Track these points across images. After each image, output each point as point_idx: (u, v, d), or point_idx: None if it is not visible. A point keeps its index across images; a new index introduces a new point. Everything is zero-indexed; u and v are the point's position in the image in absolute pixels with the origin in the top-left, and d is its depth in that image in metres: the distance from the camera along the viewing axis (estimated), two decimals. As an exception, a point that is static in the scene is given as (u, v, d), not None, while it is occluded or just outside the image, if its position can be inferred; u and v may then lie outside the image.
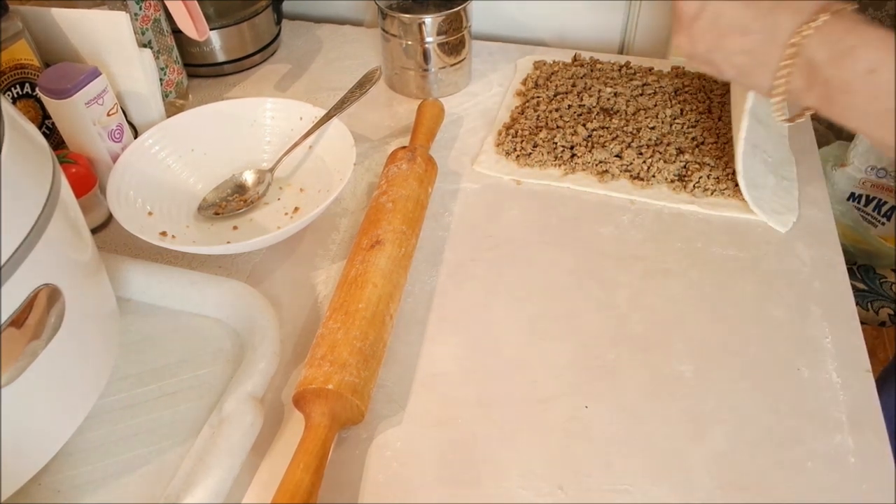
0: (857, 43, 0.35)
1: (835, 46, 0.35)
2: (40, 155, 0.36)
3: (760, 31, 0.37)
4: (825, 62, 0.35)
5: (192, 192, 0.61)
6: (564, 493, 0.41)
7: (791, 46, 0.36)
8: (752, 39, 0.38)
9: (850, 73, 0.35)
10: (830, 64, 0.35)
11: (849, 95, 0.35)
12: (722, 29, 0.39)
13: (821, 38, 0.35)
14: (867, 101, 0.35)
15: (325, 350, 0.44)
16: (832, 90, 0.35)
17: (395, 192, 0.55)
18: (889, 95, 0.34)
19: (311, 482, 0.38)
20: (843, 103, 0.36)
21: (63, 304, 0.36)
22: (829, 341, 0.48)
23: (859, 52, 0.34)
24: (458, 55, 0.72)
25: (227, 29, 0.76)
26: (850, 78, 0.35)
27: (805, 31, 0.35)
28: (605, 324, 0.50)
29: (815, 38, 0.35)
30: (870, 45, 0.35)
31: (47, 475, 0.43)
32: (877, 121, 0.35)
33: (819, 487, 0.41)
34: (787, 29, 0.36)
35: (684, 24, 0.41)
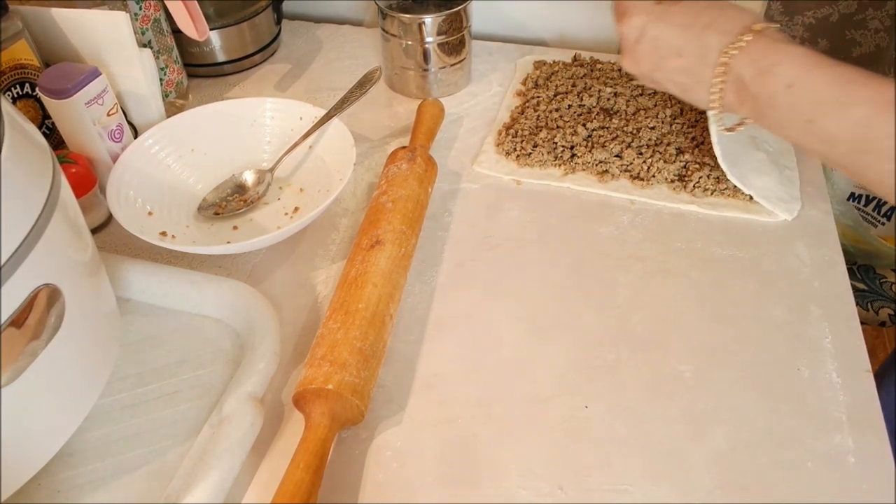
0: (777, 60, 0.38)
1: (758, 64, 0.38)
2: (40, 155, 0.36)
3: (694, 52, 0.40)
4: (751, 79, 0.38)
5: (192, 192, 0.61)
6: (564, 493, 0.41)
7: (721, 66, 0.39)
8: (687, 60, 0.41)
9: (772, 88, 0.37)
10: (755, 80, 0.38)
11: (773, 109, 0.38)
12: (660, 51, 0.42)
13: (745, 57, 0.38)
14: (789, 113, 0.38)
15: (325, 350, 0.44)
16: (759, 104, 0.38)
17: (395, 192, 0.55)
18: (807, 108, 0.37)
19: (311, 482, 0.39)
20: (770, 116, 0.39)
21: (63, 304, 0.36)
22: (829, 341, 0.48)
23: (779, 68, 0.37)
24: (458, 55, 0.72)
25: (227, 29, 0.76)
26: (772, 92, 0.38)
27: (731, 51, 0.38)
28: (605, 324, 0.50)
29: (741, 58, 0.38)
30: (788, 61, 0.37)
31: (47, 475, 0.43)
32: (799, 131, 0.38)
33: (819, 487, 0.41)
34: (716, 49, 0.39)
35: (628, 47, 0.45)
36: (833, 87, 0.36)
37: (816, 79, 0.37)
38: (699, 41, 0.40)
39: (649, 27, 0.43)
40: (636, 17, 0.44)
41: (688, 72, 0.41)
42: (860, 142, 0.36)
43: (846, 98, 0.36)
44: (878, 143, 0.35)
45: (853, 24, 1.45)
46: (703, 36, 0.40)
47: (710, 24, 0.40)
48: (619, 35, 0.46)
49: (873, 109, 0.35)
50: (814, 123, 0.37)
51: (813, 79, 0.37)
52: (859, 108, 0.35)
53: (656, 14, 0.43)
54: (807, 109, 0.37)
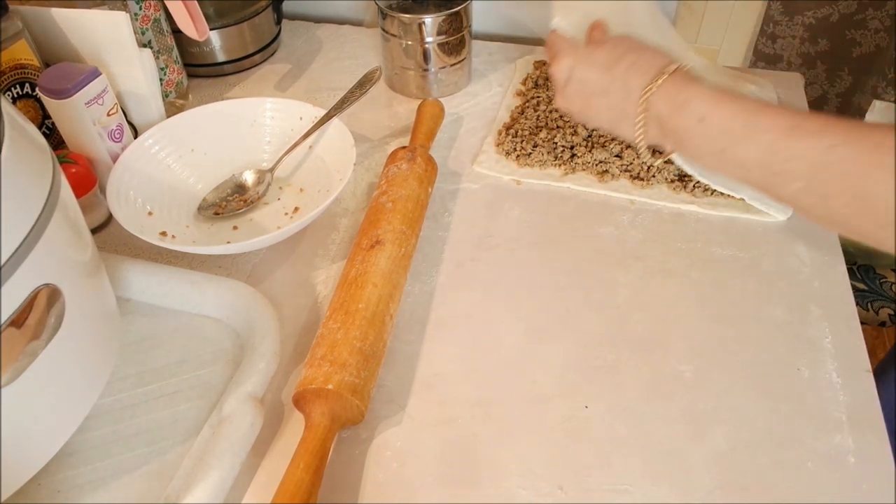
0: (688, 97, 0.41)
1: (673, 101, 0.42)
2: (40, 155, 0.36)
3: (618, 91, 0.44)
4: (668, 115, 0.42)
5: (192, 192, 0.61)
6: (564, 493, 0.41)
7: (642, 104, 0.43)
8: (613, 99, 0.45)
9: (686, 122, 0.41)
10: (671, 116, 0.42)
11: (690, 141, 0.42)
12: (588, 91, 0.46)
13: (662, 96, 0.42)
14: (703, 144, 0.41)
15: (325, 350, 0.44)
16: (678, 137, 0.42)
17: (395, 193, 0.55)
18: (718, 138, 0.41)
19: (311, 482, 0.39)
20: (689, 147, 0.42)
21: (63, 304, 0.36)
22: (829, 341, 0.48)
23: (691, 104, 0.41)
24: (458, 55, 0.72)
25: (227, 29, 0.76)
26: (687, 126, 0.41)
27: (649, 91, 0.42)
28: (605, 324, 0.50)
29: (658, 96, 0.42)
30: (699, 98, 0.41)
31: (47, 475, 0.43)
32: (715, 160, 0.42)
33: (819, 487, 0.41)
34: (637, 89, 0.43)
35: (559, 87, 0.49)
36: (738, 117, 0.40)
37: (724, 112, 0.40)
38: (622, 81, 0.44)
39: (577, 69, 0.47)
40: (565, 59, 0.48)
41: (614, 109, 0.45)
42: (768, 165, 0.39)
43: (751, 127, 0.39)
44: (784, 164, 0.38)
45: (853, 23, 1.45)
46: (625, 77, 0.44)
47: (631, 66, 0.44)
48: (551, 76, 0.50)
49: (776, 135, 0.38)
50: (726, 152, 0.41)
51: (720, 112, 0.41)
52: (764, 135, 0.39)
53: (583, 56, 0.47)
54: (718, 140, 0.41)
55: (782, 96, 0.70)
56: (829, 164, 0.36)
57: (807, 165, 0.37)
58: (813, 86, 1.56)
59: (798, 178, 0.38)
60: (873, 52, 1.47)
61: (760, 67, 1.57)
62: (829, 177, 0.37)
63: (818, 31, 1.49)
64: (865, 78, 1.51)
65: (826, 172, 0.37)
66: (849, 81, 1.53)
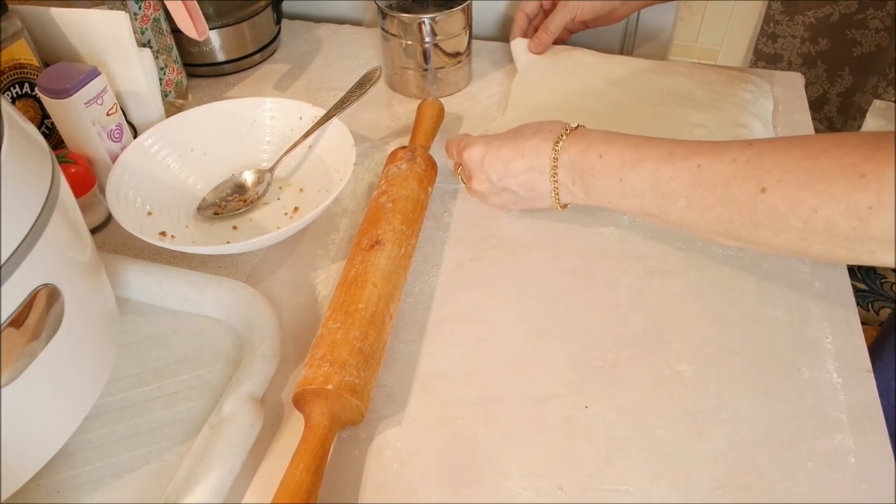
0: (589, 140, 0.49)
1: (577, 146, 0.50)
2: (39, 155, 0.36)
3: (532, 151, 0.51)
4: (576, 157, 0.50)
5: (191, 192, 0.61)
6: (564, 493, 0.41)
7: (554, 156, 0.50)
8: (529, 158, 0.52)
9: (590, 161, 0.49)
10: (577, 159, 0.49)
11: (593, 177, 0.49)
12: (505, 159, 0.53)
13: (569, 145, 0.50)
14: (604, 176, 0.48)
15: (325, 350, 0.44)
16: (584, 176, 0.49)
17: (395, 192, 0.55)
18: (615, 169, 0.48)
19: (311, 482, 0.38)
20: (593, 184, 0.49)
21: (62, 304, 0.36)
22: (829, 341, 0.48)
23: (591, 146, 0.49)
24: (458, 55, 0.72)
25: (226, 29, 0.76)
26: (591, 164, 0.49)
27: (559, 145, 0.50)
28: (605, 324, 0.50)
29: (567, 146, 0.50)
30: (597, 140, 0.49)
31: (47, 475, 0.43)
32: (615, 192, 0.48)
33: (819, 487, 0.40)
34: (548, 145, 0.51)
35: (475, 168, 0.55)
36: (628, 150, 0.47)
37: (617, 147, 0.48)
38: (533, 144, 0.52)
39: (490, 149, 0.54)
40: (475, 146, 0.55)
41: (531, 169, 0.52)
42: (657, 188, 0.46)
43: (638, 156, 0.47)
44: (668, 184, 0.45)
45: (854, 23, 1.45)
46: (535, 140, 0.52)
47: (536, 132, 0.52)
48: (464, 166, 0.57)
49: (659, 161, 0.46)
50: (623, 182, 0.47)
51: (615, 147, 0.48)
52: (648, 163, 0.46)
53: (490, 140, 0.55)
54: (616, 170, 0.48)
55: (782, 97, 0.70)
56: (701, 180, 0.44)
57: (685, 184, 0.44)
58: (813, 85, 1.56)
59: (681, 196, 0.45)
60: (874, 51, 1.47)
61: (761, 67, 1.57)
62: (704, 191, 0.43)
63: (818, 30, 1.49)
64: (866, 78, 1.51)
65: (701, 187, 0.44)
66: (849, 81, 1.53)
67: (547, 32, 0.72)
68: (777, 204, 0.40)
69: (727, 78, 0.70)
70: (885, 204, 0.36)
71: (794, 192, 0.39)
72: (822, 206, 0.39)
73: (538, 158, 0.51)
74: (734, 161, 0.42)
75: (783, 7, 1.49)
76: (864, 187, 0.37)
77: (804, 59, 1.54)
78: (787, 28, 1.51)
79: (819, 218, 0.39)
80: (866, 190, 0.37)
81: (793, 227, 0.40)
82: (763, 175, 0.41)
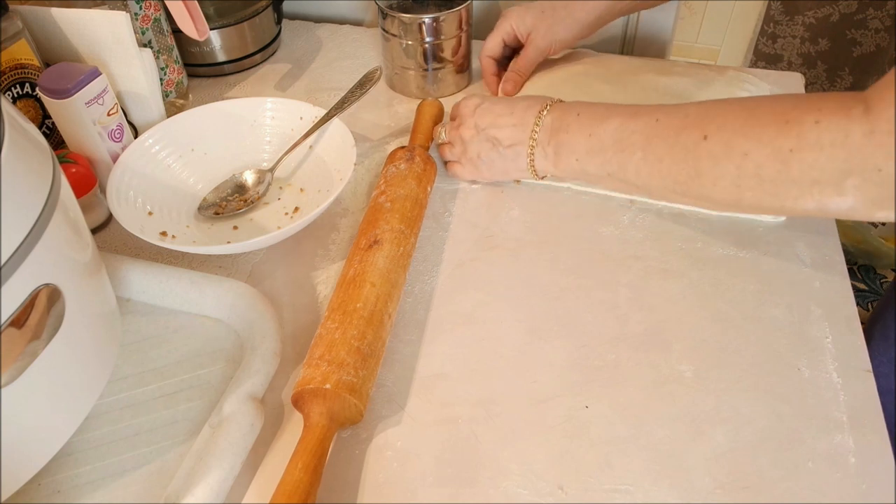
0: (568, 108, 0.55)
1: (558, 112, 0.55)
2: (40, 155, 0.36)
3: (519, 114, 0.57)
4: (556, 119, 0.55)
5: (192, 192, 0.61)
6: (564, 493, 0.41)
7: (537, 121, 0.56)
8: (517, 117, 0.57)
9: (568, 120, 0.54)
10: (556, 121, 0.55)
11: (568, 133, 0.54)
12: (496, 113, 0.58)
13: (553, 110, 0.55)
14: (577, 132, 0.53)
15: (323, 350, 0.44)
16: (559, 135, 0.54)
17: (394, 192, 0.55)
18: (588, 124, 0.53)
19: (310, 482, 0.38)
20: (567, 142, 0.54)
21: (63, 304, 0.36)
22: (829, 341, 0.48)
23: (571, 109, 0.55)
24: (458, 55, 0.72)
25: (227, 29, 0.76)
26: (568, 122, 0.54)
27: (542, 113, 0.56)
28: (605, 324, 0.50)
29: (550, 113, 0.55)
30: (578, 107, 0.54)
31: (47, 475, 0.43)
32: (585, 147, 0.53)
33: (819, 487, 0.41)
34: (536, 109, 0.56)
35: (467, 113, 0.60)
36: (601, 109, 0.53)
37: (592, 108, 0.53)
38: (524, 105, 0.57)
39: (485, 101, 0.60)
40: (473, 97, 0.61)
41: (517, 126, 0.57)
42: (619, 141, 0.50)
43: (609, 113, 0.52)
44: (629, 139, 0.50)
45: (854, 23, 1.45)
46: (526, 103, 0.57)
47: (529, 99, 0.58)
48: (459, 111, 0.61)
49: (625, 117, 0.51)
50: (592, 136, 0.52)
51: (590, 109, 0.54)
52: (617, 118, 0.51)
53: (486, 96, 0.61)
54: (587, 126, 0.53)
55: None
56: (656, 132, 0.48)
57: (643, 137, 0.49)
58: (813, 86, 1.56)
59: (638, 149, 0.49)
60: (874, 51, 1.47)
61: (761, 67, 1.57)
62: (658, 142, 0.48)
63: (818, 30, 1.49)
64: (866, 78, 1.50)
65: (656, 139, 0.48)
66: (849, 81, 1.53)
67: (520, 74, 0.70)
68: (715, 150, 0.44)
69: (725, 77, 0.70)
70: (803, 146, 0.40)
71: (730, 138, 0.43)
72: (752, 149, 0.42)
73: (524, 116, 0.56)
74: (686, 115, 0.47)
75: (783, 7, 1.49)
76: (787, 131, 0.41)
77: (804, 59, 1.54)
78: (787, 28, 1.51)
79: (749, 161, 0.42)
80: (788, 134, 0.41)
81: (728, 173, 0.44)
82: (707, 124, 0.45)
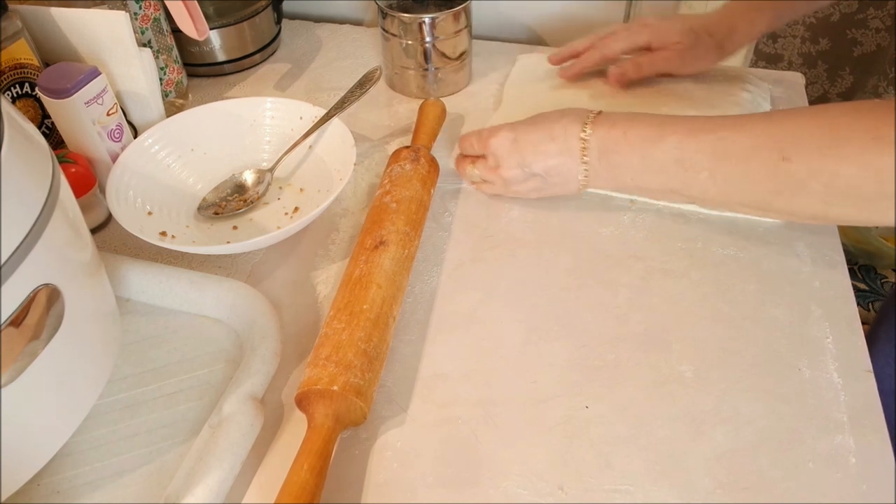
0: (614, 121, 0.51)
1: (603, 125, 0.51)
2: (40, 155, 0.36)
3: (560, 134, 0.53)
4: (603, 135, 0.51)
5: (191, 191, 0.61)
6: (564, 493, 0.41)
7: (583, 138, 0.52)
8: (559, 141, 0.53)
9: (615, 137, 0.51)
10: (604, 138, 0.51)
11: (619, 154, 0.51)
12: (536, 142, 0.54)
13: (596, 127, 0.52)
14: (629, 154, 0.50)
15: (330, 350, 0.44)
16: (610, 153, 0.51)
17: (399, 193, 0.55)
18: (639, 145, 0.50)
19: (315, 483, 0.38)
20: (619, 163, 0.51)
21: (63, 303, 0.36)
22: (829, 341, 0.48)
23: (616, 125, 0.51)
24: (458, 55, 0.72)
25: (226, 28, 0.76)
26: (616, 140, 0.51)
27: (587, 129, 0.52)
28: (605, 324, 0.50)
29: (594, 127, 0.52)
30: (622, 120, 0.51)
31: (47, 475, 0.43)
32: (638, 169, 0.50)
33: (819, 487, 0.40)
34: (576, 127, 0.52)
35: (504, 153, 0.55)
36: (652, 126, 0.50)
37: (641, 125, 0.50)
38: (561, 127, 0.53)
39: (519, 133, 0.54)
40: (502, 131, 0.55)
41: (563, 153, 0.53)
42: (680, 161, 0.48)
43: (662, 132, 0.49)
44: (692, 159, 0.47)
45: (854, 23, 1.45)
46: (562, 123, 0.53)
47: (561, 116, 0.53)
48: (492, 151, 0.56)
49: (682, 135, 0.48)
50: (646, 157, 0.49)
51: (638, 125, 0.50)
52: (672, 137, 0.48)
53: (515, 126, 0.55)
54: (639, 147, 0.50)
55: (782, 97, 0.70)
56: (723, 151, 0.46)
57: (708, 156, 0.47)
58: (814, 85, 1.56)
59: (703, 168, 0.47)
60: (874, 51, 1.47)
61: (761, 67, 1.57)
62: (726, 164, 0.46)
63: (819, 30, 1.48)
64: (866, 77, 1.50)
65: (723, 159, 0.46)
66: (850, 81, 1.53)
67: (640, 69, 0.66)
68: (799, 172, 0.42)
69: (725, 77, 0.70)
70: None
71: (813, 158, 0.42)
72: (840, 168, 0.41)
73: (567, 140, 0.52)
74: (755, 132, 0.45)
75: (783, 7, 1.49)
76: (880, 149, 0.39)
77: (804, 58, 1.54)
78: (788, 28, 1.51)
79: (839, 180, 0.41)
80: (882, 151, 0.39)
81: (814, 191, 0.42)
82: (783, 144, 0.43)
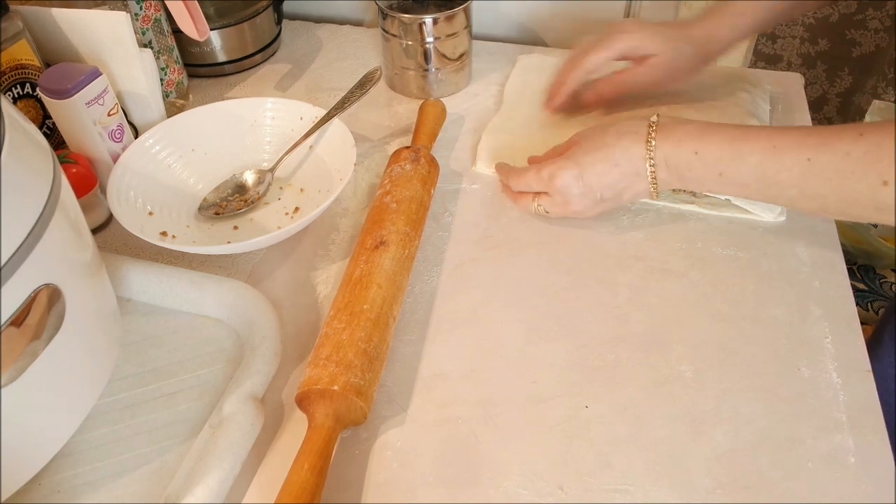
0: (679, 137, 0.49)
1: (669, 144, 0.49)
2: (41, 155, 0.36)
3: (623, 158, 0.51)
4: (669, 156, 0.49)
5: (192, 192, 0.61)
6: (564, 493, 0.41)
7: (649, 158, 0.50)
8: (623, 166, 0.51)
9: (685, 157, 0.49)
10: (672, 156, 0.49)
11: (692, 172, 0.49)
12: (601, 173, 0.52)
13: (661, 145, 0.49)
14: (703, 172, 0.48)
15: (331, 350, 0.44)
16: (682, 172, 0.49)
17: (400, 193, 0.55)
18: (714, 165, 0.47)
19: (316, 483, 0.38)
20: (691, 178, 0.49)
21: (63, 304, 0.36)
22: (829, 341, 0.48)
23: (684, 143, 0.49)
24: (458, 55, 0.72)
25: (227, 29, 0.76)
26: (687, 160, 0.49)
27: (651, 145, 0.49)
28: (605, 324, 0.50)
29: (658, 146, 0.49)
30: (688, 136, 0.49)
31: (47, 475, 0.43)
32: (716, 184, 0.48)
33: (819, 487, 0.41)
34: (640, 149, 0.50)
35: (574, 193, 0.53)
36: (726, 144, 0.47)
37: (712, 143, 0.48)
38: (622, 149, 0.51)
39: (582, 168, 0.52)
40: (565, 170, 0.53)
41: (628, 175, 0.51)
42: (763, 179, 0.46)
43: (739, 151, 0.47)
44: (776, 176, 0.45)
45: (853, 24, 1.45)
46: (622, 144, 0.51)
47: (620, 136, 0.51)
48: (558, 191, 0.54)
49: (762, 155, 0.46)
50: (724, 175, 0.48)
51: (709, 142, 0.48)
52: (752, 157, 0.46)
53: (572, 160, 0.53)
54: (714, 166, 0.48)
55: (781, 97, 0.70)
56: (812, 173, 0.44)
57: (795, 176, 0.45)
58: (813, 86, 1.56)
59: (791, 187, 0.45)
60: (873, 52, 1.47)
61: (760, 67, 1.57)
62: (817, 182, 0.44)
63: (818, 31, 1.49)
64: (865, 78, 1.51)
65: (813, 179, 0.44)
66: (849, 81, 1.53)
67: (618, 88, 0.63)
68: None
69: (724, 78, 0.70)
70: None
71: None
72: None
73: (632, 163, 0.50)
74: (848, 155, 0.42)
75: (783, 7, 1.49)
76: None
77: (804, 59, 1.54)
78: (787, 28, 1.51)
79: None
80: None
81: None
82: (881, 167, 0.41)
